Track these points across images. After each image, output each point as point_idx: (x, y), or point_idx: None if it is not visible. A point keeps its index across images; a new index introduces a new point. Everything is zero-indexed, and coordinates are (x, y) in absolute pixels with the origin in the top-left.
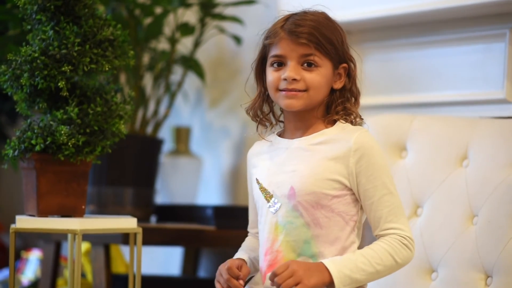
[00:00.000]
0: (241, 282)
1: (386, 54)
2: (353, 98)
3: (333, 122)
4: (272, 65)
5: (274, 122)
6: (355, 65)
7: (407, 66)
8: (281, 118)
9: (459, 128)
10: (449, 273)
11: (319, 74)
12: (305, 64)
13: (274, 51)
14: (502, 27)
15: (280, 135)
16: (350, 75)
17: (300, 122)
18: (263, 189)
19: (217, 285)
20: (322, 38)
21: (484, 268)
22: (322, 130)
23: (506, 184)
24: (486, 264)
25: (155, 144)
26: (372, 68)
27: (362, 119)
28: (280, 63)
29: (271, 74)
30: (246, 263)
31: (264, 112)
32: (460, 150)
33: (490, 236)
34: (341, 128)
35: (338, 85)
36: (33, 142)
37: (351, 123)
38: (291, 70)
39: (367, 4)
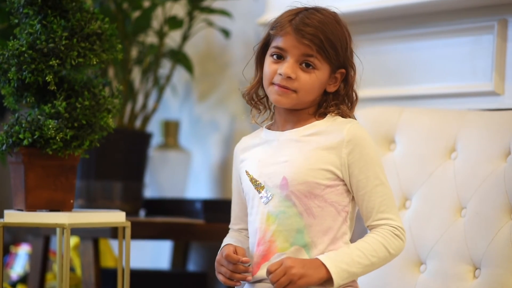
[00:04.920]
0: (244, 265)
1: (375, 47)
2: (349, 103)
3: (324, 115)
4: (272, 55)
5: (267, 106)
6: (355, 72)
7: (396, 58)
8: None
9: (448, 121)
10: (438, 265)
11: (314, 77)
12: (304, 64)
13: (277, 43)
14: (491, 19)
15: (270, 128)
16: (348, 81)
17: (291, 116)
18: (253, 181)
19: (219, 277)
20: (326, 42)
21: (473, 260)
22: (313, 122)
23: (495, 176)
24: (474, 256)
25: (144, 138)
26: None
27: (355, 119)
28: (280, 56)
29: (268, 66)
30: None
31: (259, 96)
32: (449, 142)
33: (478, 228)
34: (331, 120)
35: (331, 88)
36: (21, 136)
37: (342, 116)
38: (288, 67)
39: None
